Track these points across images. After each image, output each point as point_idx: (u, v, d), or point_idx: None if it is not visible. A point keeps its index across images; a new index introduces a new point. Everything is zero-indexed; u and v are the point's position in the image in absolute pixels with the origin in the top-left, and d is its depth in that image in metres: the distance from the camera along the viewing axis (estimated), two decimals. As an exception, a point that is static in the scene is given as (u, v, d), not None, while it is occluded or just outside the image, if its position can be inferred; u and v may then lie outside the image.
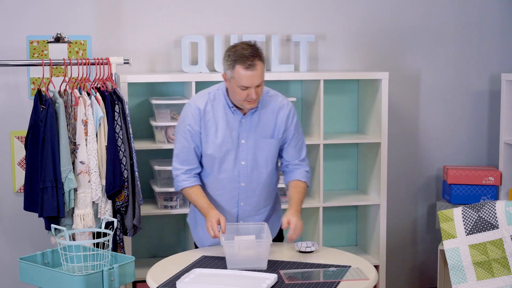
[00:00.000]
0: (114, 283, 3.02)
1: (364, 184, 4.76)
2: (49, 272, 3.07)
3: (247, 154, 3.38)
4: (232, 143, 3.36)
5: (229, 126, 3.36)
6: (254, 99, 3.25)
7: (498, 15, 5.02)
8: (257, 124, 3.37)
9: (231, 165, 3.39)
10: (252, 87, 3.22)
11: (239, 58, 3.20)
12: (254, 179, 3.42)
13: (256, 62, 3.20)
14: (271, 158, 3.43)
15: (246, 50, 3.21)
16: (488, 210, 3.33)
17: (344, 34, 4.82)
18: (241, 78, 3.20)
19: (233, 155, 3.37)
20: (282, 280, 2.99)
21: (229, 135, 3.36)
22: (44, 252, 3.24)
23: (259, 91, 3.26)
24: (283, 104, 3.42)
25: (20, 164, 4.44)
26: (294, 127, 3.43)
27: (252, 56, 3.19)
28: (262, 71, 3.23)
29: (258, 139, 3.38)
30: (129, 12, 4.51)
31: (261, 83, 3.25)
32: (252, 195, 3.44)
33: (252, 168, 3.40)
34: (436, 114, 5.02)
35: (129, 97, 4.35)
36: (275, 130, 3.40)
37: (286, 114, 3.41)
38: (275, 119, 3.39)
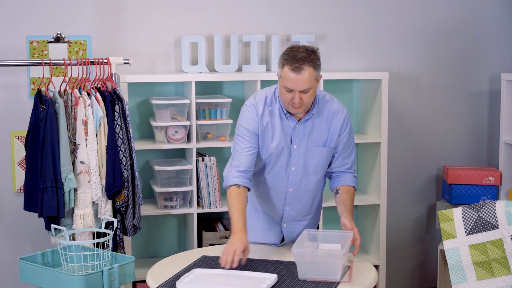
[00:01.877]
0: (114, 283, 3.02)
1: (364, 184, 4.76)
2: (49, 272, 3.06)
3: (298, 160, 3.32)
4: (285, 148, 3.30)
5: (284, 131, 3.29)
6: (297, 104, 3.16)
7: (498, 15, 5.02)
8: (310, 130, 3.29)
9: (281, 169, 3.34)
10: (296, 90, 3.12)
11: (290, 58, 3.13)
12: (303, 185, 3.38)
13: (304, 66, 3.09)
14: (321, 167, 3.37)
15: (300, 53, 3.12)
16: (488, 210, 3.33)
17: (344, 34, 4.82)
18: (287, 79, 3.13)
19: (285, 160, 3.32)
20: (282, 280, 2.99)
21: (283, 140, 3.29)
22: (44, 252, 3.24)
23: (306, 98, 3.15)
24: (337, 111, 3.32)
25: (20, 164, 4.44)
26: (347, 134, 3.36)
27: (302, 59, 3.10)
28: (310, 77, 3.10)
29: (310, 146, 3.31)
30: (129, 12, 4.51)
31: (309, 90, 3.13)
32: (298, 201, 3.41)
33: (301, 175, 3.35)
34: (436, 114, 5.02)
35: (129, 97, 4.35)
36: (327, 139, 3.32)
37: (340, 122, 3.32)
38: (328, 127, 3.31)
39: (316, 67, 3.14)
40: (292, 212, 3.43)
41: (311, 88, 3.14)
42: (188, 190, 4.31)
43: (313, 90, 3.16)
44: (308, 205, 3.45)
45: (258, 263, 3.22)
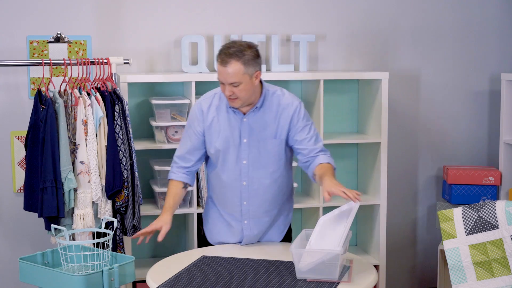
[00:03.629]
0: (114, 283, 3.02)
1: (364, 184, 4.76)
2: (48, 272, 3.06)
3: (249, 153, 3.39)
4: (233, 142, 3.38)
5: (231, 126, 3.38)
6: (227, 95, 3.27)
7: (498, 15, 5.02)
8: (259, 124, 3.37)
9: (232, 163, 3.41)
10: (225, 83, 3.25)
11: (220, 51, 3.27)
12: (256, 179, 3.42)
13: (231, 60, 3.21)
14: (273, 158, 3.41)
15: (232, 48, 3.24)
16: (488, 210, 3.33)
17: (344, 34, 4.82)
18: (218, 71, 3.28)
19: (235, 154, 3.39)
20: (282, 279, 2.99)
21: (230, 134, 3.38)
22: (44, 252, 3.24)
23: (238, 92, 3.25)
24: (287, 103, 3.40)
25: (20, 164, 4.44)
26: (301, 124, 3.40)
27: (231, 54, 3.22)
28: (236, 72, 3.21)
29: (260, 139, 3.38)
30: (129, 12, 4.51)
31: (238, 84, 3.23)
32: (255, 195, 3.44)
33: (254, 168, 3.41)
34: (436, 114, 5.02)
35: (129, 97, 4.35)
36: (277, 131, 3.39)
37: (290, 115, 3.39)
38: (277, 120, 3.38)
39: (246, 63, 3.23)
40: (251, 207, 3.47)
41: (241, 82, 3.23)
42: (188, 190, 4.31)
43: (245, 85, 3.25)
44: (267, 200, 3.46)
45: (258, 263, 3.23)
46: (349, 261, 3.22)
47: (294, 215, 4.79)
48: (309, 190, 4.63)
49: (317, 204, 4.46)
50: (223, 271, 3.13)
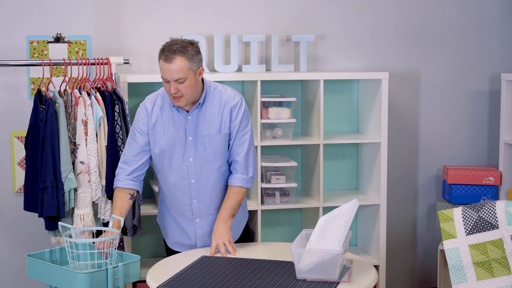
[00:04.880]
0: (118, 282, 3.04)
1: (364, 184, 4.76)
2: (54, 269, 3.09)
3: (195, 150, 3.41)
4: (179, 141, 3.41)
5: (175, 124, 3.40)
6: (173, 93, 3.27)
7: (498, 15, 5.02)
8: (203, 120, 3.40)
9: (179, 162, 3.43)
10: (171, 80, 3.25)
11: (162, 48, 3.29)
12: (204, 175, 3.45)
13: (176, 56, 3.24)
14: (219, 154, 3.44)
15: (174, 45, 3.26)
16: (488, 210, 3.33)
17: (344, 34, 4.82)
18: (162, 69, 3.29)
19: (181, 152, 3.42)
20: (282, 279, 2.99)
21: (175, 133, 3.40)
22: (52, 250, 3.29)
23: (183, 89, 3.27)
24: (229, 99, 3.43)
25: (20, 164, 4.44)
26: (239, 120, 3.43)
27: (174, 50, 3.24)
28: (181, 67, 3.24)
29: (205, 135, 3.41)
30: (129, 12, 4.51)
31: (184, 80, 3.25)
32: (204, 193, 3.48)
33: (200, 165, 3.43)
34: (436, 114, 5.02)
35: (129, 97, 4.35)
36: (221, 125, 3.41)
37: (231, 107, 3.42)
38: (220, 115, 3.41)
39: (191, 59, 3.26)
40: (201, 205, 3.49)
41: (186, 78, 3.25)
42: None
43: (190, 81, 3.27)
44: (216, 197, 3.50)
45: (258, 263, 3.23)
46: (349, 261, 3.22)
47: (294, 215, 4.79)
48: (309, 190, 4.63)
49: (317, 204, 4.46)
50: (223, 271, 3.13)
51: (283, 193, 4.42)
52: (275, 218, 4.71)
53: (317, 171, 4.45)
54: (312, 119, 4.53)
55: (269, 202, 4.40)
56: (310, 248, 3.04)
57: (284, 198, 4.41)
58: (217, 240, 3.36)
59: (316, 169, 4.48)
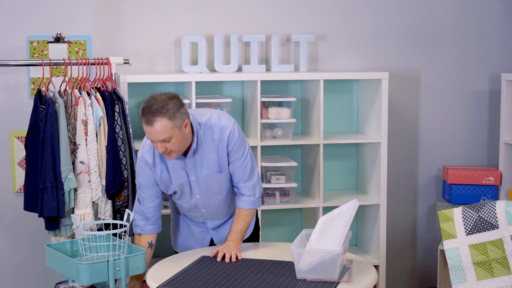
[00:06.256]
0: (120, 274, 3.06)
1: (364, 184, 4.76)
2: (63, 258, 3.18)
3: (199, 189, 3.42)
4: (184, 181, 3.40)
5: (177, 169, 3.37)
6: (162, 152, 3.20)
7: (498, 15, 5.02)
8: (201, 162, 3.36)
9: (188, 198, 3.46)
10: (156, 141, 3.17)
11: (142, 110, 3.16)
12: (213, 204, 3.49)
13: (156, 118, 3.10)
14: (223, 186, 3.45)
15: (155, 105, 3.12)
16: (488, 210, 3.33)
17: (344, 34, 4.82)
18: (145, 131, 3.19)
19: (188, 190, 3.43)
20: (282, 279, 2.99)
21: (179, 176, 3.39)
22: (73, 240, 3.37)
23: (171, 146, 3.18)
24: (220, 131, 3.33)
25: (20, 164, 4.44)
26: (236, 148, 3.36)
27: (154, 112, 3.10)
28: (164, 128, 3.11)
29: (207, 176, 3.39)
30: (129, 12, 4.51)
31: (170, 139, 3.16)
32: (215, 213, 3.54)
33: (207, 198, 3.46)
34: (436, 114, 5.02)
35: (129, 97, 4.35)
36: (220, 163, 3.38)
37: (226, 142, 3.34)
38: (216, 153, 3.35)
39: (172, 117, 3.12)
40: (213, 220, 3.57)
41: (172, 137, 3.15)
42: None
43: (176, 138, 3.17)
44: (225, 209, 3.54)
45: (258, 263, 3.23)
46: (349, 261, 3.22)
47: (294, 215, 4.79)
48: (309, 190, 4.63)
49: (317, 204, 4.46)
50: (223, 271, 3.13)
51: (283, 193, 4.42)
52: (275, 218, 4.71)
53: (317, 171, 4.45)
54: (312, 119, 4.53)
55: (269, 202, 4.40)
56: (310, 248, 3.04)
57: (284, 198, 4.41)
58: (224, 249, 3.35)
59: (316, 169, 4.48)
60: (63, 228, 3.83)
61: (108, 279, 3.08)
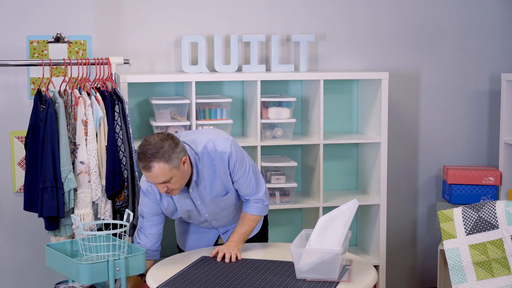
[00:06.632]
0: (120, 274, 3.06)
1: (364, 184, 4.76)
2: (63, 258, 3.19)
3: (207, 209, 3.45)
4: (190, 207, 3.43)
5: (182, 199, 3.39)
6: (164, 192, 3.22)
7: (498, 15, 5.02)
8: (205, 190, 3.38)
9: (196, 218, 3.50)
10: (155, 183, 3.19)
11: (139, 155, 3.15)
12: (223, 216, 3.52)
13: (153, 163, 3.11)
14: (230, 203, 3.47)
15: (150, 149, 3.11)
16: (488, 210, 3.33)
17: (344, 34, 4.82)
18: (144, 175, 3.20)
19: (195, 213, 3.46)
20: (282, 279, 2.99)
21: (185, 204, 3.41)
22: (73, 240, 3.39)
23: (172, 185, 3.19)
24: (220, 157, 3.32)
25: (20, 164, 4.44)
26: (237, 168, 3.36)
27: (150, 157, 3.10)
28: (162, 172, 3.12)
29: (213, 199, 3.41)
30: (129, 12, 4.51)
31: (169, 180, 3.16)
32: (226, 222, 3.59)
33: (216, 215, 3.49)
34: (436, 114, 5.02)
35: (129, 97, 4.35)
36: (225, 185, 3.39)
37: (226, 165, 3.34)
38: (219, 176, 3.36)
39: (169, 159, 3.12)
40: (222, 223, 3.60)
41: (171, 177, 3.16)
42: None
43: (177, 177, 3.17)
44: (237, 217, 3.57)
45: (258, 263, 3.23)
46: (349, 261, 3.22)
47: (294, 215, 4.79)
48: (309, 190, 4.63)
49: (317, 204, 4.46)
50: (223, 271, 3.13)
51: (283, 193, 4.42)
52: (275, 218, 4.71)
53: (317, 171, 4.45)
54: (312, 119, 4.53)
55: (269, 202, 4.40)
56: (309, 248, 3.04)
57: (284, 198, 4.41)
58: (224, 249, 3.36)
59: (316, 169, 4.48)
60: (63, 228, 3.83)
61: (108, 279, 3.08)
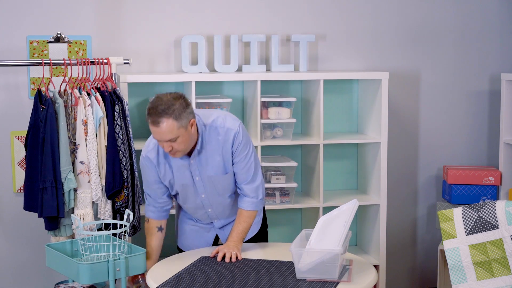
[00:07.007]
0: (120, 274, 3.07)
1: (364, 184, 4.76)
2: (63, 258, 3.19)
3: (204, 188, 3.43)
4: (188, 182, 3.41)
5: (181, 169, 3.39)
6: (168, 152, 3.23)
7: (498, 15, 5.02)
8: (206, 162, 3.37)
9: (192, 197, 3.47)
10: (162, 141, 3.20)
11: (148, 110, 3.18)
12: (219, 204, 3.50)
13: (162, 119, 3.13)
14: (227, 187, 3.46)
15: (161, 105, 3.15)
16: (488, 210, 3.33)
17: (344, 34, 4.82)
18: (151, 131, 3.21)
19: (192, 190, 3.44)
20: (282, 279, 2.99)
21: (183, 176, 3.40)
22: (73, 240, 3.39)
23: (177, 146, 3.21)
24: (225, 133, 3.34)
25: (20, 164, 4.44)
26: (240, 149, 3.37)
27: (160, 112, 3.13)
28: (170, 129, 3.14)
29: (211, 176, 3.40)
30: (129, 12, 4.51)
31: (176, 139, 3.18)
32: (221, 212, 3.55)
33: (213, 197, 3.47)
34: (436, 114, 5.02)
35: (129, 97, 4.35)
36: (225, 164, 3.39)
37: (231, 143, 3.35)
38: (221, 153, 3.36)
39: (178, 117, 3.15)
40: (219, 220, 3.57)
41: (178, 136, 3.18)
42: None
43: (183, 137, 3.20)
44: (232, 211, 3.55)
45: (258, 263, 3.23)
46: (349, 261, 3.22)
47: (294, 215, 4.79)
48: (309, 190, 4.63)
49: (317, 204, 4.46)
50: (223, 271, 3.13)
51: (283, 193, 4.42)
52: (275, 218, 4.71)
53: (317, 171, 4.45)
54: (312, 119, 4.53)
55: (269, 202, 4.40)
56: (310, 248, 3.04)
57: (284, 198, 4.41)
58: (224, 249, 3.35)
59: (316, 169, 4.48)
60: (63, 228, 3.83)
61: (108, 279, 3.09)
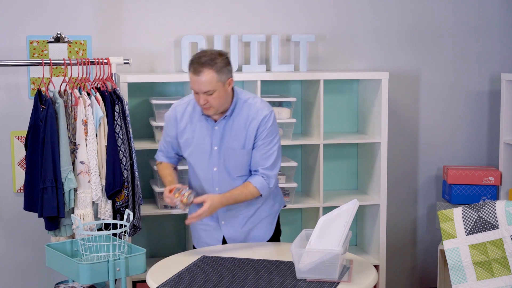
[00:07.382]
0: (120, 274, 3.07)
1: (364, 184, 4.76)
2: (63, 258, 3.19)
3: (218, 161, 3.43)
4: (205, 149, 3.43)
5: (203, 133, 3.42)
6: (202, 104, 3.29)
7: (498, 15, 5.02)
8: (229, 132, 3.40)
9: (204, 170, 3.47)
10: (199, 92, 3.26)
11: (191, 61, 3.28)
12: (228, 184, 3.46)
13: (204, 69, 3.22)
14: (240, 166, 3.45)
15: (204, 57, 3.25)
16: (488, 210, 3.33)
17: (344, 34, 4.82)
18: (191, 81, 3.29)
19: (206, 161, 3.45)
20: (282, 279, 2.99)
21: (202, 141, 3.43)
22: (73, 240, 3.39)
23: (212, 100, 3.27)
24: (256, 113, 3.39)
25: (20, 164, 4.44)
26: (266, 134, 3.40)
27: (203, 63, 3.23)
28: (209, 80, 3.23)
29: (229, 148, 3.41)
30: (129, 12, 4.52)
31: (212, 92, 3.25)
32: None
33: (224, 174, 3.45)
34: (436, 114, 5.02)
35: (129, 97, 4.35)
36: (246, 140, 3.40)
37: (258, 123, 3.38)
38: (246, 129, 3.39)
39: (219, 71, 3.25)
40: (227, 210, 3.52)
41: (215, 90, 3.25)
42: (188, 190, 4.31)
43: (219, 92, 3.27)
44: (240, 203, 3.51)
45: (258, 263, 3.23)
46: (349, 261, 3.22)
47: (294, 215, 4.79)
48: (309, 190, 4.63)
49: (317, 204, 4.47)
50: (223, 271, 3.13)
51: (283, 193, 4.42)
52: (275, 218, 4.71)
53: (317, 171, 4.45)
54: (312, 119, 4.53)
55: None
56: (310, 248, 3.04)
57: (284, 198, 4.41)
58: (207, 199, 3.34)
59: (316, 169, 4.48)
60: (63, 228, 3.83)
61: (108, 279, 3.09)
